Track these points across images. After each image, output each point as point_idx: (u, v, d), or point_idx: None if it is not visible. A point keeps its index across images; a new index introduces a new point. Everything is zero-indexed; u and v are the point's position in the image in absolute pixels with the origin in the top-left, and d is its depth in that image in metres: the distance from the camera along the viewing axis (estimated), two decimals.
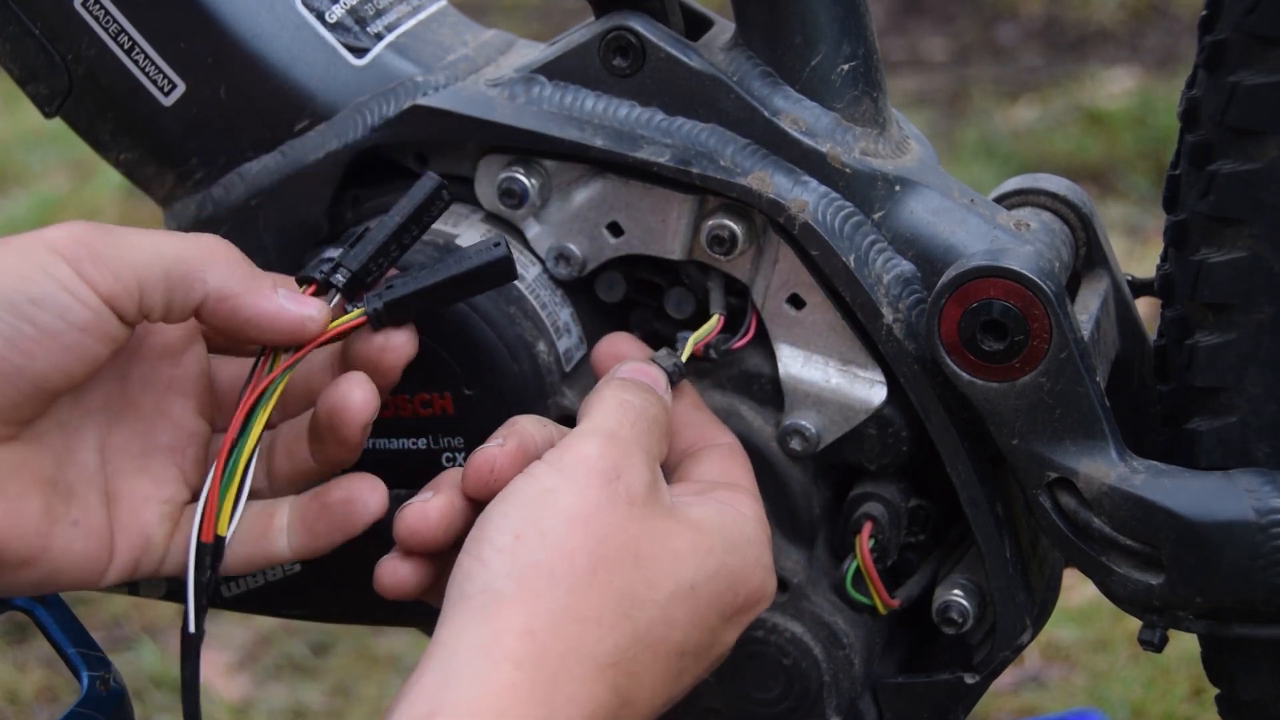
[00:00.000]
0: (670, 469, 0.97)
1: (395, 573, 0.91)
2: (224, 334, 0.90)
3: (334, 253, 0.95)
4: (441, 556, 0.91)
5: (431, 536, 0.89)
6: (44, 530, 0.85)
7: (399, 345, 0.93)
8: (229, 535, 0.89)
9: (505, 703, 0.78)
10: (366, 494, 0.92)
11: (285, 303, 0.89)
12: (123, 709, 0.99)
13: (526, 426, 0.92)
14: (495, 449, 0.89)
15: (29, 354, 0.81)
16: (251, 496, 0.90)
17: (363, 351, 0.93)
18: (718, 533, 0.90)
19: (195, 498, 0.91)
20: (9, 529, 0.84)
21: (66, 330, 0.82)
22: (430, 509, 0.89)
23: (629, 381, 0.94)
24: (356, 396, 0.90)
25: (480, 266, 0.94)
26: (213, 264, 0.86)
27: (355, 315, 0.93)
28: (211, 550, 0.89)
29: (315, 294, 0.92)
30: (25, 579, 0.86)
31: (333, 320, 0.92)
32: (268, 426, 0.91)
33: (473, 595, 0.82)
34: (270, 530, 0.92)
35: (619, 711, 0.83)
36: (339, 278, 0.93)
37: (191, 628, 0.88)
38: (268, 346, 0.90)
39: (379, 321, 0.93)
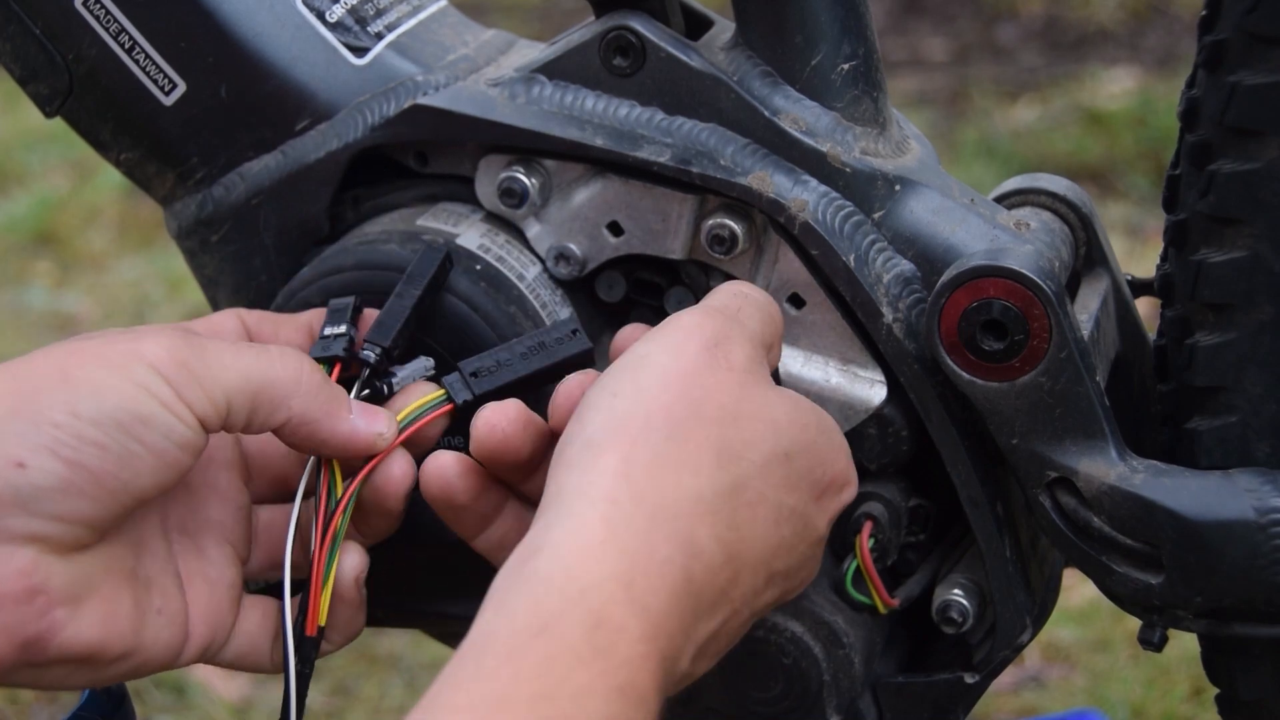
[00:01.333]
0: None
1: (438, 458, 0.92)
2: (297, 448, 0.93)
3: (335, 329, 0.96)
4: (483, 491, 0.92)
5: (510, 431, 0.90)
6: (136, 625, 0.87)
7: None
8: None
9: (604, 533, 0.79)
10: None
11: (359, 424, 0.91)
12: (123, 710, 0.99)
13: (629, 331, 0.93)
14: (586, 373, 0.91)
15: (136, 471, 0.83)
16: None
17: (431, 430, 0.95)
18: (813, 413, 0.90)
19: (249, 576, 0.94)
20: (109, 630, 0.85)
21: (170, 448, 0.84)
22: (509, 405, 0.91)
23: (745, 283, 0.95)
24: (396, 472, 0.92)
25: (565, 360, 0.96)
26: (296, 392, 0.89)
27: (436, 401, 0.94)
28: (314, 643, 0.92)
29: (341, 372, 0.95)
30: (118, 671, 0.88)
31: (408, 411, 0.94)
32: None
33: (571, 452, 0.83)
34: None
35: (723, 565, 0.83)
36: (369, 355, 0.95)
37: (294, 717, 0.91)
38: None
39: (466, 411, 0.94)
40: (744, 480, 0.85)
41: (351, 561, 0.92)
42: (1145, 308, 1.14)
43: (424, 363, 0.97)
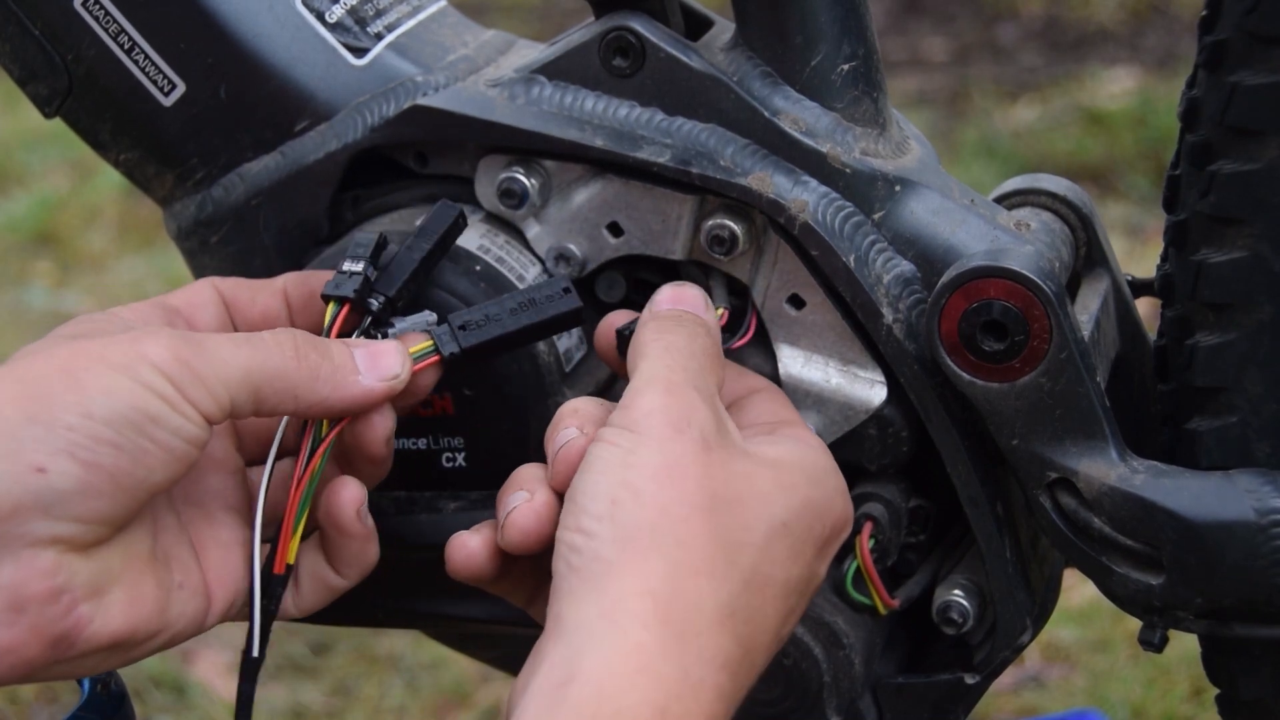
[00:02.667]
0: None
1: (466, 547, 0.92)
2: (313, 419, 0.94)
3: (353, 265, 0.96)
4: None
5: (544, 533, 0.89)
6: (161, 605, 0.88)
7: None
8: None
9: (639, 663, 0.79)
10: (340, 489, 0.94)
11: (369, 380, 0.91)
12: (124, 711, 0.99)
13: (591, 410, 0.92)
14: (580, 438, 0.90)
15: (150, 467, 0.84)
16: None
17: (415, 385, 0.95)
18: (797, 468, 0.90)
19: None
20: (135, 615, 0.87)
21: (179, 444, 0.85)
22: (539, 506, 0.90)
23: (665, 320, 0.94)
24: (376, 418, 0.93)
25: (555, 318, 0.96)
26: (298, 380, 0.89)
27: (423, 351, 0.94)
28: (281, 580, 0.93)
29: (356, 318, 0.95)
30: (149, 649, 0.89)
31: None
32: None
33: (582, 567, 0.83)
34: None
35: (742, 660, 0.84)
36: (373, 303, 0.95)
37: (255, 652, 0.93)
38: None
39: (451, 364, 0.95)
40: (752, 570, 0.85)
41: (349, 494, 0.93)
42: (1145, 308, 1.14)
43: (426, 316, 0.97)
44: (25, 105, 1.13)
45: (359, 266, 0.96)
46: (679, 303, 0.95)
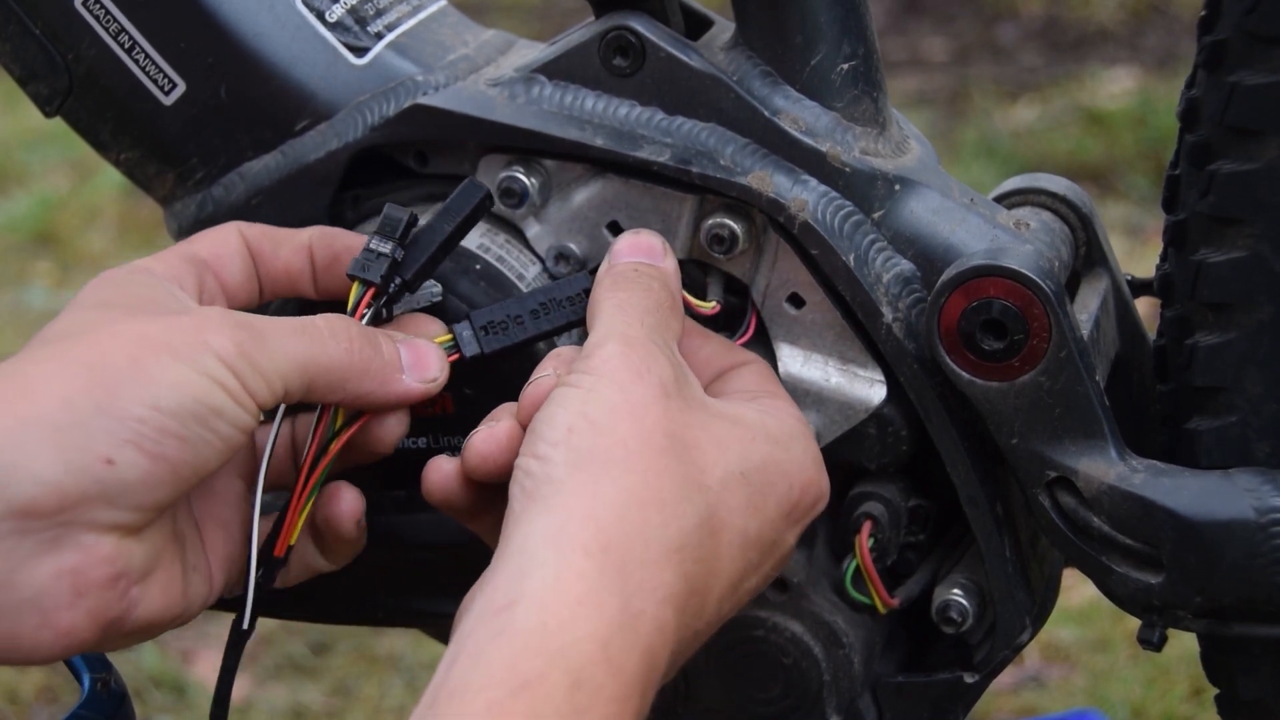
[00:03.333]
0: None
1: (441, 469, 0.93)
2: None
3: (381, 245, 0.96)
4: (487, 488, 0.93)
5: (503, 460, 0.90)
6: (184, 587, 0.90)
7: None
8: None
9: (580, 590, 0.80)
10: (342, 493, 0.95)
11: (411, 381, 0.93)
12: (124, 710, 0.99)
13: (571, 355, 0.93)
14: (550, 378, 0.91)
15: (206, 457, 0.85)
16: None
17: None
18: (758, 426, 0.91)
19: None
20: (169, 599, 0.88)
21: (235, 434, 0.86)
22: (500, 432, 0.91)
23: (620, 276, 0.95)
24: (391, 419, 0.94)
25: (575, 323, 0.97)
26: (350, 375, 0.90)
27: (447, 346, 0.95)
28: (280, 562, 0.94)
29: (373, 299, 0.95)
30: (168, 627, 0.90)
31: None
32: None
33: (533, 490, 0.84)
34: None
35: (689, 599, 0.84)
36: (392, 285, 0.96)
37: (245, 624, 0.93)
38: None
39: (472, 363, 0.96)
40: (706, 511, 0.86)
41: (349, 505, 0.95)
42: (1145, 308, 1.14)
43: (431, 287, 0.98)
44: (25, 105, 1.13)
45: (387, 247, 0.95)
46: (636, 251, 0.96)
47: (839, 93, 1.01)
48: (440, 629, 1.18)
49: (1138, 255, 2.50)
